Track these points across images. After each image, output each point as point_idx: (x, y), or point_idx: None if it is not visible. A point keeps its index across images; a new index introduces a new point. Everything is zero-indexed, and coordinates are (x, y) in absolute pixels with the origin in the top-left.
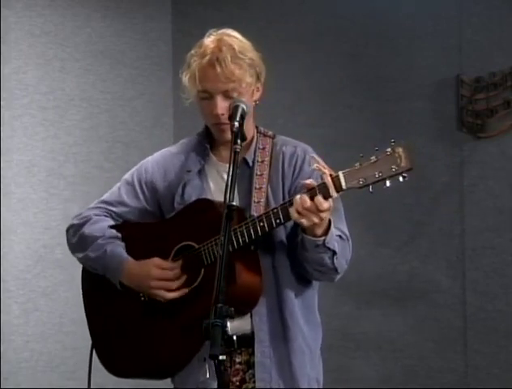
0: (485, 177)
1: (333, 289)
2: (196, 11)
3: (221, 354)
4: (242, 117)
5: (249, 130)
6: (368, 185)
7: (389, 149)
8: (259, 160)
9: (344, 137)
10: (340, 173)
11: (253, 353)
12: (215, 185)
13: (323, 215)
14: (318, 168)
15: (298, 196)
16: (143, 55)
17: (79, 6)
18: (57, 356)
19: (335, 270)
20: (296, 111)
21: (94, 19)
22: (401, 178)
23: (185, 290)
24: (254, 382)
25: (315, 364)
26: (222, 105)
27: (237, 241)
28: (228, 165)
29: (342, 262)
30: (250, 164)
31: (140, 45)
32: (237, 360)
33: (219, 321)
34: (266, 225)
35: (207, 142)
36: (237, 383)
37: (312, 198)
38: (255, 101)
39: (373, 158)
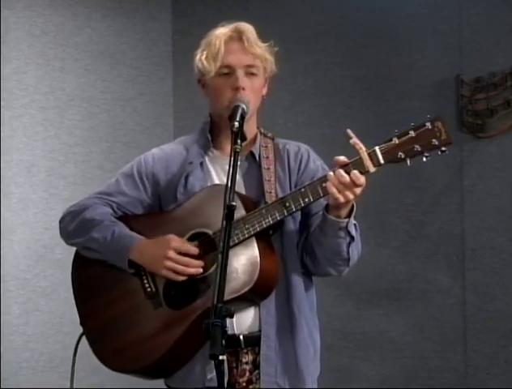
0: (485, 177)
1: (333, 289)
2: (196, 11)
3: (221, 354)
4: (242, 117)
5: (253, 125)
6: (406, 160)
7: (428, 123)
8: (264, 155)
9: (344, 137)
10: (376, 148)
11: (259, 353)
12: (218, 177)
13: (358, 190)
14: (355, 142)
15: (331, 172)
16: (143, 55)
17: (79, 6)
18: (57, 356)
19: (348, 260)
20: (296, 111)
21: (94, 19)
22: (439, 152)
23: (200, 270)
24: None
25: (317, 364)
26: (244, 79)
27: (260, 223)
28: (229, 158)
29: (354, 253)
30: (257, 157)
31: (140, 45)
32: (244, 360)
33: (219, 321)
34: (292, 205)
35: (210, 133)
36: (244, 384)
37: (347, 174)
38: (263, 96)
39: (412, 133)
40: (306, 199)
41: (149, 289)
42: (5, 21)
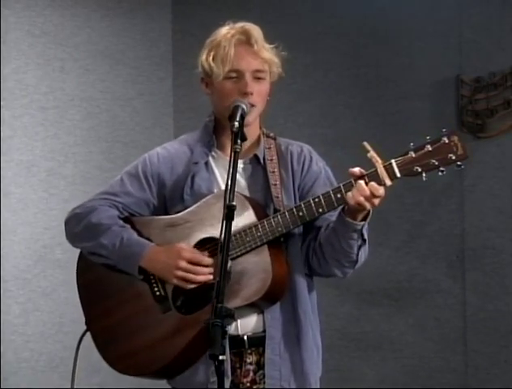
0: (485, 177)
1: (333, 289)
2: (196, 11)
3: (221, 354)
4: (242, 117)
5: (256, 127)
6: (422, 173)
7: (444, 138)
8: (268, 158)
9: (344, 137)
10: (393, 161)
11: (263, 353)
12: (223, 178)
13: (376, 201)
14: (372, 155)
15: (361, 182)
16: (143, 55)
17: (79, 6)
18: (57, 356)
19: (355, 263)
20: (296, 111)
21: (94, 19)
22: (456, 167)
23: (210, 277)
24: (265, 382)
25: (319, 364)
26: (252, 84)
27: (272, 231)
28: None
29: (362, 256)
30: (261, 161)
31: (140, 45)
32: (248, 360)
33: (219, 321)
34: (306, 214)
35: (214, 134)
36: (248, 384)
37: (366, 185)
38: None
39: (428, 146)
40: (320, 209)
41: (158, 293)
42: (5, 21)
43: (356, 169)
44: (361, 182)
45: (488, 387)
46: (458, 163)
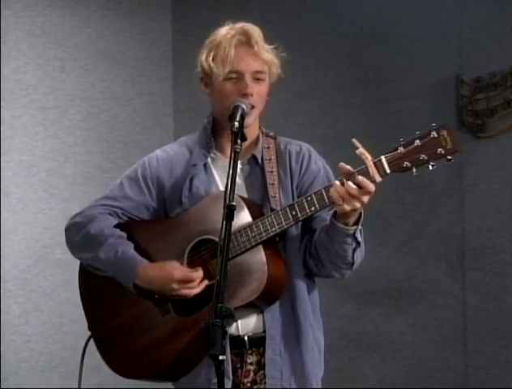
0: (485, 177)
1: (333, 289)
2: (196, 11)
3: (221, 354)
4: (242, 117)
5: (256, 127)
6: (412, 169)
7: (433, 132)
8: (267, 157)
9: (344, 137)
10: (382, 157)
11: (264, 354)
12: (221, 180)
13: (365, 198)
14: (361, 152)
15: (337, 181)
16: (143, 55)
17: (79, 6)
18: (57, 356)
19: (352, 264)
20: (296, 111)
21: (94, 19)
22: (445, 161)
23: (206, 281)
24: (265, 382)
25: (321, 365)
26: (252, 85)
27: (267, 231)
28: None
29: (358, 257)
30: (259, 161)
31: (140, 45)
32: (248, 360)
33: (219, 321)
34: (299, 213)
35: (212, 135)
36: (248, 384)
37: (354, 183)
38: (266, 99)
39: (417, 141)
40: (313, 208)
41: (157, 296)
42: (5, 21)
43: (346, 166)
44: (346, 180)
45: (488, 387)
46: (449, 157)
